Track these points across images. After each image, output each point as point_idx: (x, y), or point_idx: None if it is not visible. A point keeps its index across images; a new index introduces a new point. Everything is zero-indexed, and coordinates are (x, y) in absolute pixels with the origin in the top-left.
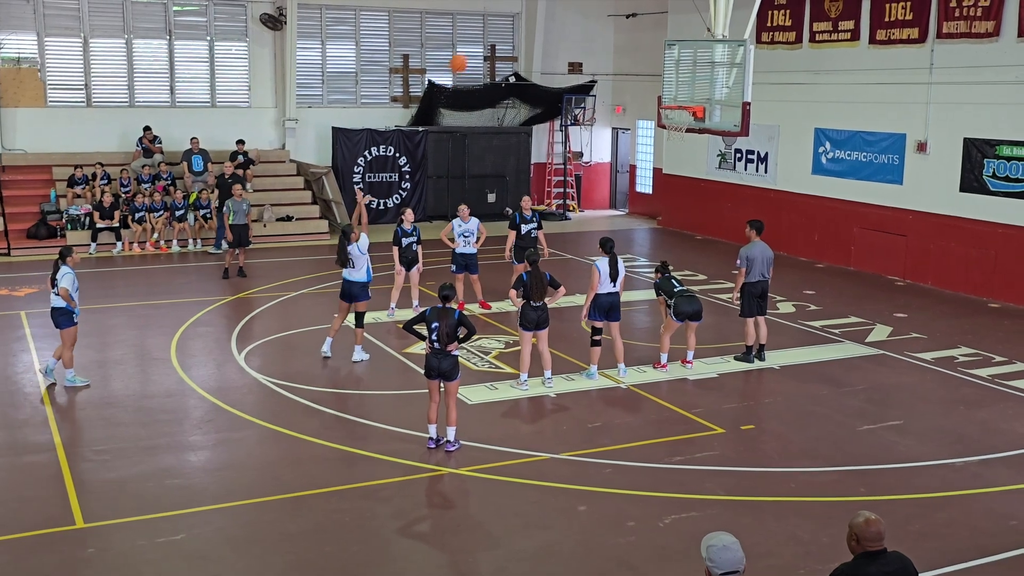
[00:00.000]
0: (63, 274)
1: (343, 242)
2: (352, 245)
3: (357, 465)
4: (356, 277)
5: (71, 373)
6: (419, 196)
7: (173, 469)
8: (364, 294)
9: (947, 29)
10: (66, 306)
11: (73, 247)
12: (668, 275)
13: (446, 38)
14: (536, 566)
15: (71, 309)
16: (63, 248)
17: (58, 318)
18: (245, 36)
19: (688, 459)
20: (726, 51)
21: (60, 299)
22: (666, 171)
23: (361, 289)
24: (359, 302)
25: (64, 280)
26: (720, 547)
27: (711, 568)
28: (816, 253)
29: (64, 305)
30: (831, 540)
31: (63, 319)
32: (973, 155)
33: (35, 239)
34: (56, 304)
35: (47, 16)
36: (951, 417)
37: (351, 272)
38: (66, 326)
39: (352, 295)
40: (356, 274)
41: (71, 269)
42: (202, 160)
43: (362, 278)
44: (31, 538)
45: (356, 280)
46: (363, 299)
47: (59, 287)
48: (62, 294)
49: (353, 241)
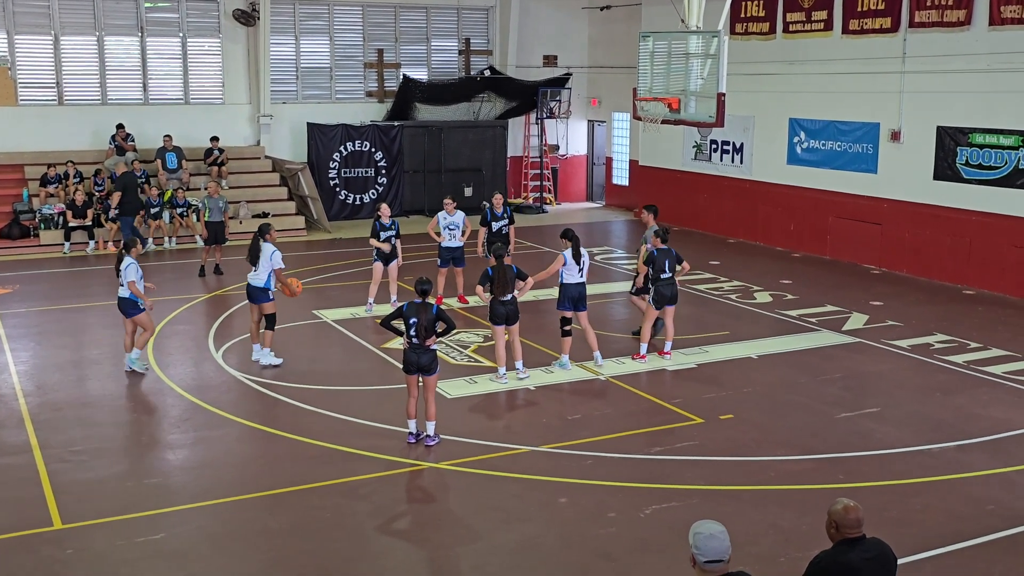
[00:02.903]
0: (127, 265)
1: (257, 240)
2: (267, 244)
3: (336, 461)
4: (256, 281)
5: (136, 353)
6: (395, 191)
7: (151, 468)
8: (264, 297)
9: (919, 18)
10: (132, 295)
11: (136, 239)
12: (664, 252)
13: (420, 32)
14: (518, 559)
15: (136, 298)
16: (127, 240)
17: (126, 308)
18: (218, 32)
19: (668, 449)
20: (700, 42)
21: (126, 289)
22: (642, 163)
23: (260, 293)
24: (258, 304)
25: (128, 271)
26: (707, 535)
27: (696, 555)
28: (792, 243)
29: (130, 295)
30: (810, 528)
31: (130, 308)
32: (946, 143)
33: (8, 239)
34: (122, 294)
35: (16, 14)
36: (928, 404)
37: (253, 275)
38: (133, 314)
39: (251, 297)
40: (256, 278)
41: (134, 260)
42: (176, 157)
43: (260, 284)
44: (8, 540)
45: (255, 284)
46: (263, 301)
47: (125, 279)
48: (130, 287)
49: (269, 241)
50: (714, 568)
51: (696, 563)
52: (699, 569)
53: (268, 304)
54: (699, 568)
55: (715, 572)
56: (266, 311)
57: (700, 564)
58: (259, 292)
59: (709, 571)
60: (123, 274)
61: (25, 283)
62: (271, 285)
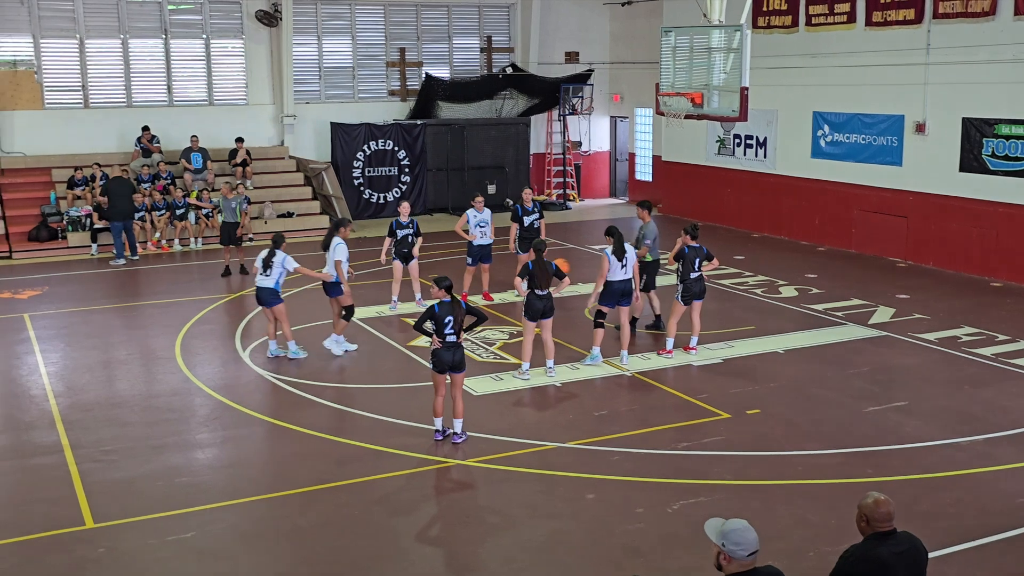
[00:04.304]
0: (283, 258)
1: (331, 232)
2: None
3: (364, 459)
4: (265, 283)
5: (293, 345)
6: (419, 189)
7: (181, 467)
8: (275, 299)
9: (943, 9)
10: (274, 286)
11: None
12: (695, 250)
13: (442, 30)
14: (546, 555)
15: (277, 288)
16: (276, 234)
17: (268, 297)
18: (241, 33)
19: (695, 444)
20: (723, 36)
21: (267, 279)
22: (665, 158)
23: (270, 295)
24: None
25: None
26: (740, 529)
27: (734, 552)
28: (817, 237)
29: (271, 285)
30: (839, 522)
31: (271, 298)
32: (972, 135)
33: (36, 241)
34: (262, 284)
35: (42, 18)
36: (956, 397)
37: (261, 278)
38: (274, 303)
39: (261, 300)
40: (267, 280)
41: (286, 254)
42: (201, 158)
43: (270, 285)
44: (42, 539)
45: (264, 286)
46: (274, 304)
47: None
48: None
49: (342, 238)
50: (754, 559)
51: (731, 560)
52: (736, 564)
53: (344, 296)
54: (736, 564)
55: (750, 565)
56: (344, 303)
57: (740, 559)
58: (269, 294)
59: (747, 564)
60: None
61: (54, 285)
62: (279, 287)
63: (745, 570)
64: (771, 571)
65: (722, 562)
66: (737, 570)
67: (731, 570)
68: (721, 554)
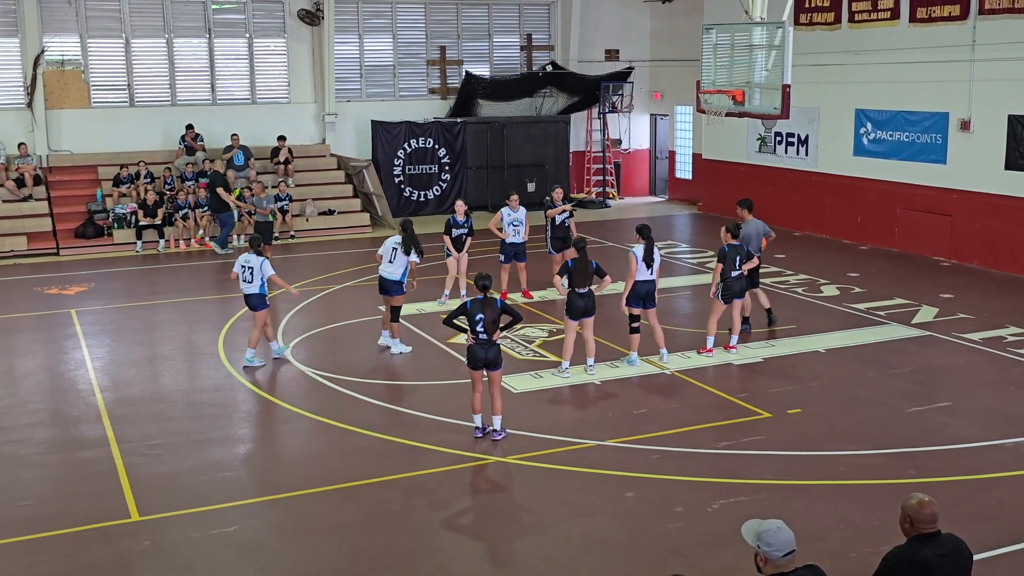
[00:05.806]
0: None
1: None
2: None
3: (404, 455)
4: (389, 275)
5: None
6: (459, 187)
7: (224, 462)
8: (397, 290)
9: (989, 5)
10: (259, 291)
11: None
12: (735, 248)
13: (482, 28)
14: (584, 553)
15: (264, 293)
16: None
17: (255, 302)
18: (283, 32)
19: (735, 444)
20: (764, 33)
21: (251, 286)
22: (705, 156)
23: (393, 285)
24: (391, 296)
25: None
26: (774, 530)
27: (769, 552)
28: (859, 235)
29: (256, 291)
30: (881, 523)
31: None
32: (1018, 132)
33: (83, 238)
34: (247, 291)
35: (89, 18)
36: (1000, 398)
37: (386, 269)
38: (260, 308)
39: (384, 289)
40: (392, 271)
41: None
42: (243, 156)
43: (395, 276)
44: (88, 531)
45: (389, 277)
46: (395, 294)
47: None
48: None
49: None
50: (790, 560)
51: (768, 561)
52: (772, 566)
53: (398, 297)
54: (772, 565)
55: (789, 566)
56: (394, 303)
57: (775, 560)
58: (256, 299)
59: (784, 566)
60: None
61: (100, 281)
62: (266, 291)
63: (782, 571)
64: (813, 571)
65: (760, 563)
66: (775, 571)
67: (769, 571)
68: (758, 555)
